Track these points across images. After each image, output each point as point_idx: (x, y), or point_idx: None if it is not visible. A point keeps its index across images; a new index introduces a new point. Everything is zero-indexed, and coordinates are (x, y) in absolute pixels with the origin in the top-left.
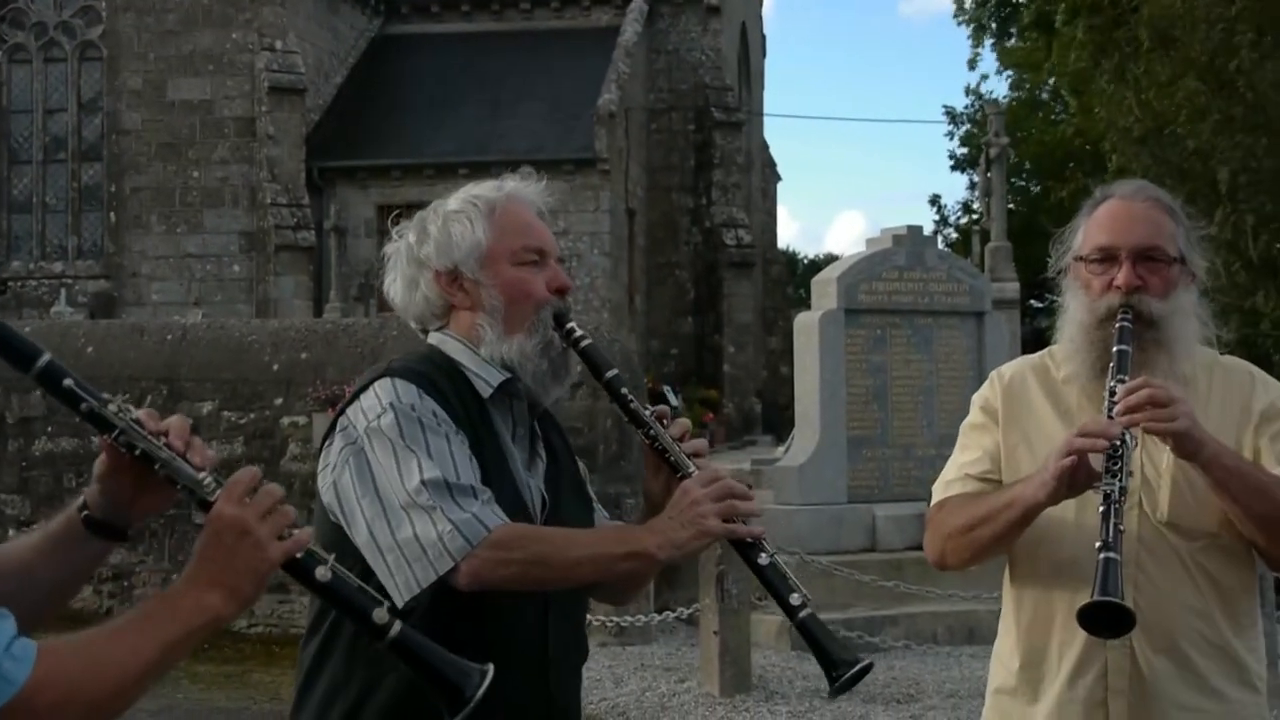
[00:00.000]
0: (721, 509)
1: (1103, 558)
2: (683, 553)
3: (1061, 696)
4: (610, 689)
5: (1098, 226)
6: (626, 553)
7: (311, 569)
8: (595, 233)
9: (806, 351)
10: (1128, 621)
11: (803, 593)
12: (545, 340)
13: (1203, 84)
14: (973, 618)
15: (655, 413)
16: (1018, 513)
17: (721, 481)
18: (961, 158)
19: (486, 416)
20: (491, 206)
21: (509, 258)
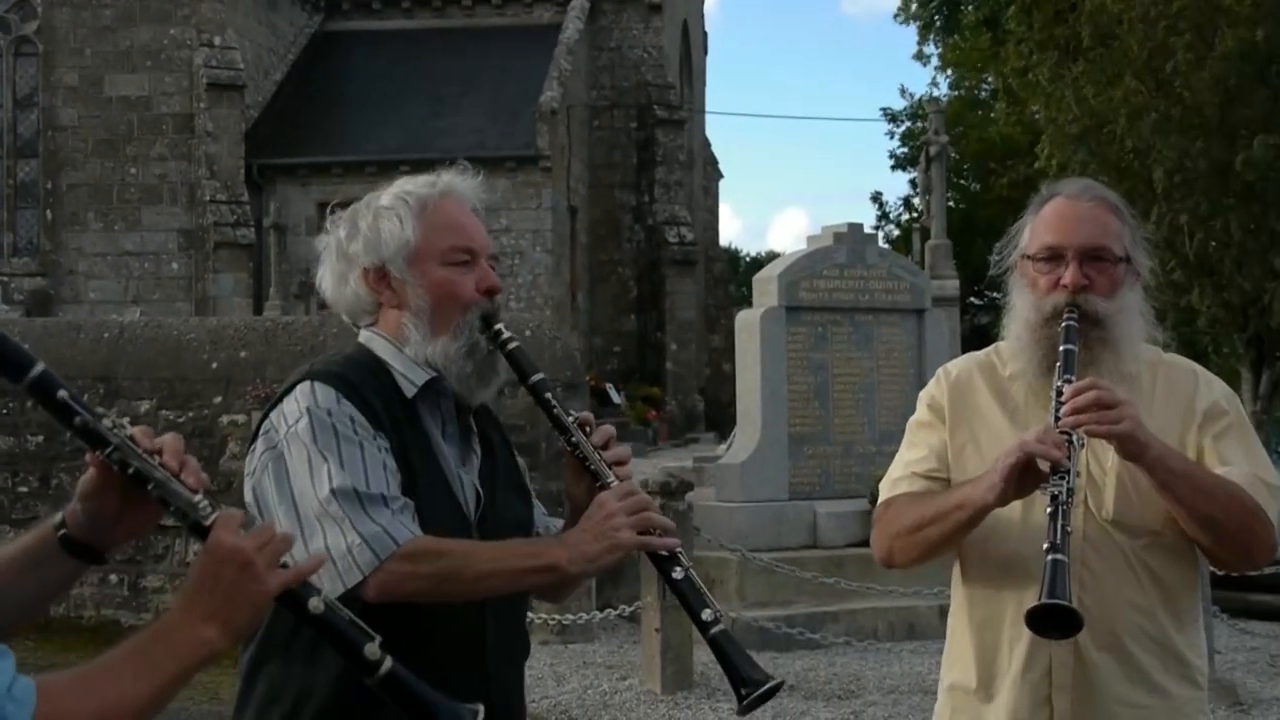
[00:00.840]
0: (636, 521)
1: (1050, 560)
2: (595, 566)
3: (1009, 693)
4: (552, 687)
5: (1044, 225)
6: (537, 566)
7: (305, 600)
8: (537, 230)
9: (748, 349)
10: (1075, 623)
11: (715, 609)
12: (471, 342)
13: (1141, 84)
14: (913, 614)
15: (578, 419)
16: (967, 514)
17: (637, 495)
18: (902, 156)
19: (414, 415)
20: (423, 204)
21: (438, 257)
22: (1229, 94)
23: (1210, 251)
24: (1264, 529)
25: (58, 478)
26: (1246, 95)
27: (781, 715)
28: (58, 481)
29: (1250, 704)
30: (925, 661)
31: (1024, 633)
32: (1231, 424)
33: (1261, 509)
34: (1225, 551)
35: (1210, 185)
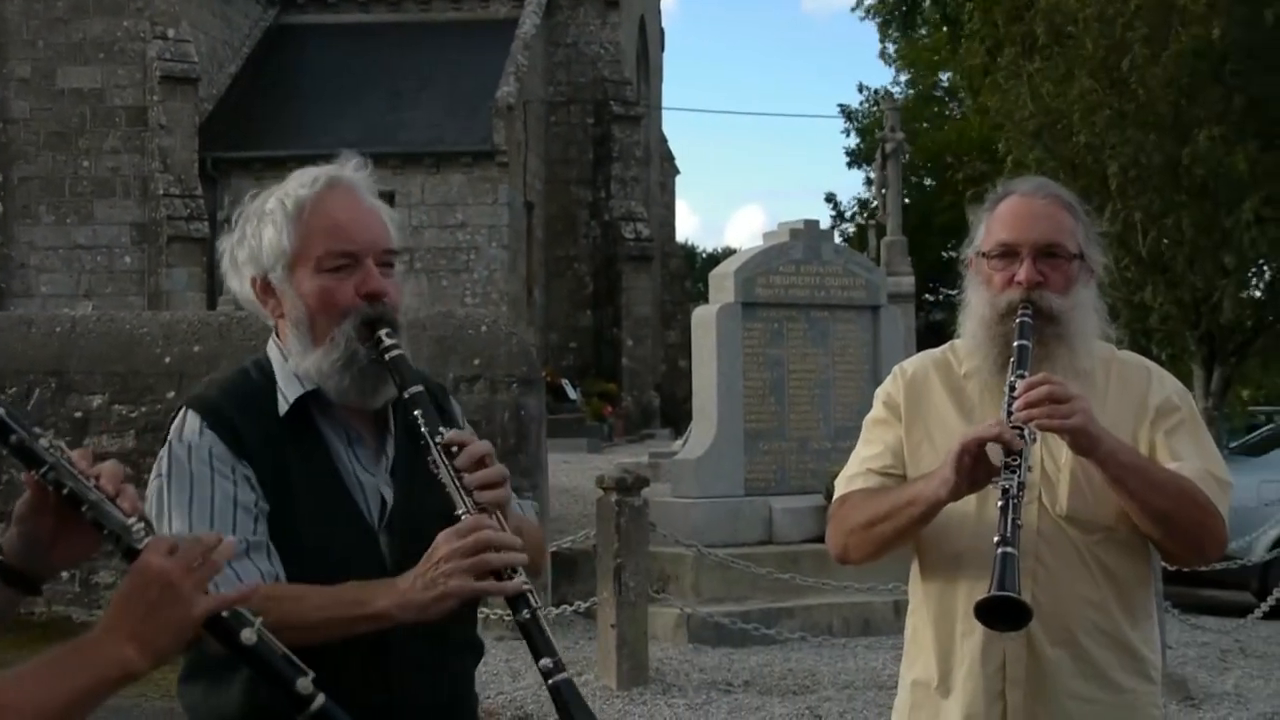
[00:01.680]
0: (473, 565)
1: (1000, 553)
2: (428, 614)
3: (964, 687)
4: (508, 683)
5: (999, 223)
6: (365, 614)
7: (236, 630)
8: (494, 225)
9: (704, 345)
10: (1024, 616)
11: (557, 656)
12: (348, 353)
13: (1096, 81)
14: (868, 609)
15: (446, 440)
16: (920, 509)
17: (477, 533)
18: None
19: (305, 428)
20: (300, 207)
21: (314, 264)
22: (1183, 91)
23: (1163, 249)
24: (1215, 523)
25: None
26: (1200, 93)
27: (737, 711)
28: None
29: (1201, 698)
30: (880, 657)
31: (978, 627)
32: (1184, 420)
33: (1212, 503)
34: (1177, 545)
35: (1163, 182)
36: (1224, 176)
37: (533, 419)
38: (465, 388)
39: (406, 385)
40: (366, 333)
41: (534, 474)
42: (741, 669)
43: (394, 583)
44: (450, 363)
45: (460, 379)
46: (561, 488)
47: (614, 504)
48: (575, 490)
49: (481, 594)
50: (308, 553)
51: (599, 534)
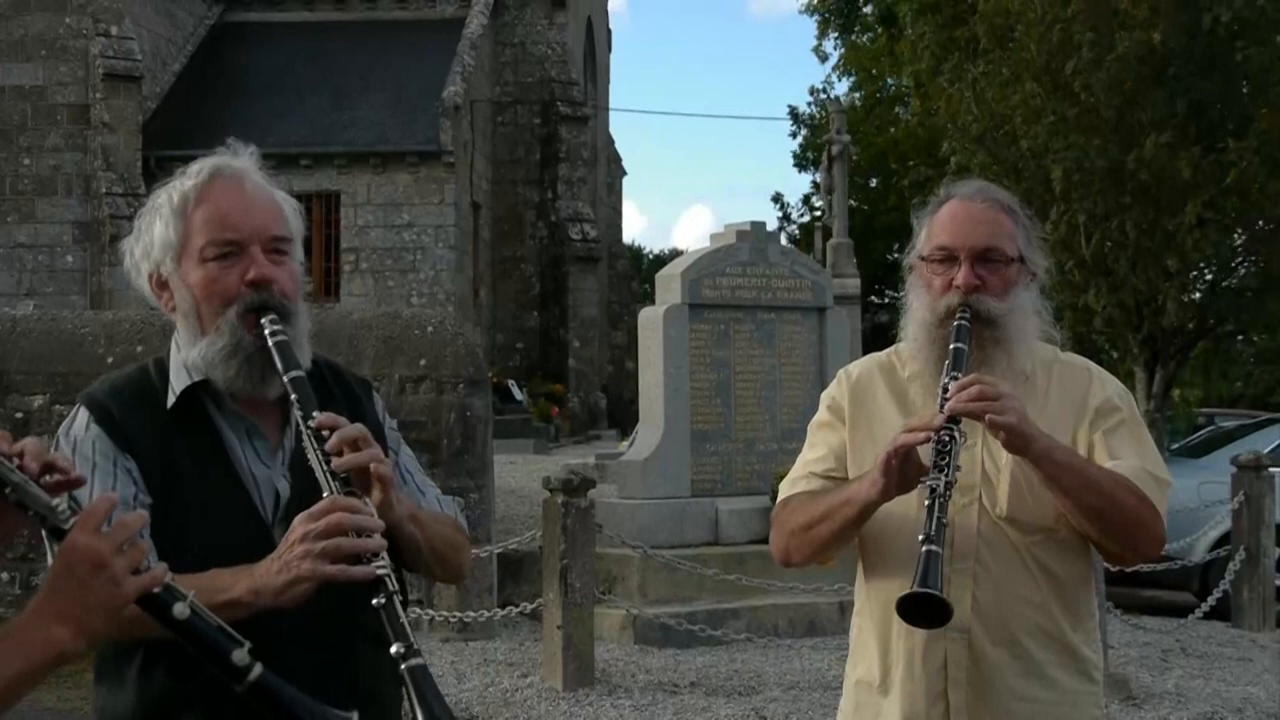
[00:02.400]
0: (327, 549)
1: (924, 550)
2: (283, 600)
3: (906, 687)
4: (453, 685)
5: (939, 227)
6: (223, 602)
7: (169, 605)
8: (440, 226)
9: (651, 346)
10: (945, 613)
11: (411, 641)
12: (234, 341)
13: (1039, 85)
14: (814, 610)
15: (317, 423)
16: (854, 510)
17: (331, 516)
18: (805, 156)
19: (196, 421)
20: (185, 200)
21: (198, 255)
22: (1126, 95)
23: (1106, 251)
24: (1152, 521)
25: None
26: (1143, 97)
27: (683, 712)
28: None
29: (1143, 698)
30: (826, 658)
31: (919, 628)
32: (1124, 420)
33: (1150, 501)
34: (1113, 544)
35: (1106, 186)
36: (1166, 181)
37: (479, 420)
38: (411, 388)
39: (287, 370)
40: (252, 320)
41: (480, 475)
42: (687, 670)
43: (251, 569)
44: (396, 363)
45: (406, 379)
46: (508, 489)
47: (560, 505)
48: (521, 491)
49: (333, 579)
50: (199, 546)
51: (545, 535)
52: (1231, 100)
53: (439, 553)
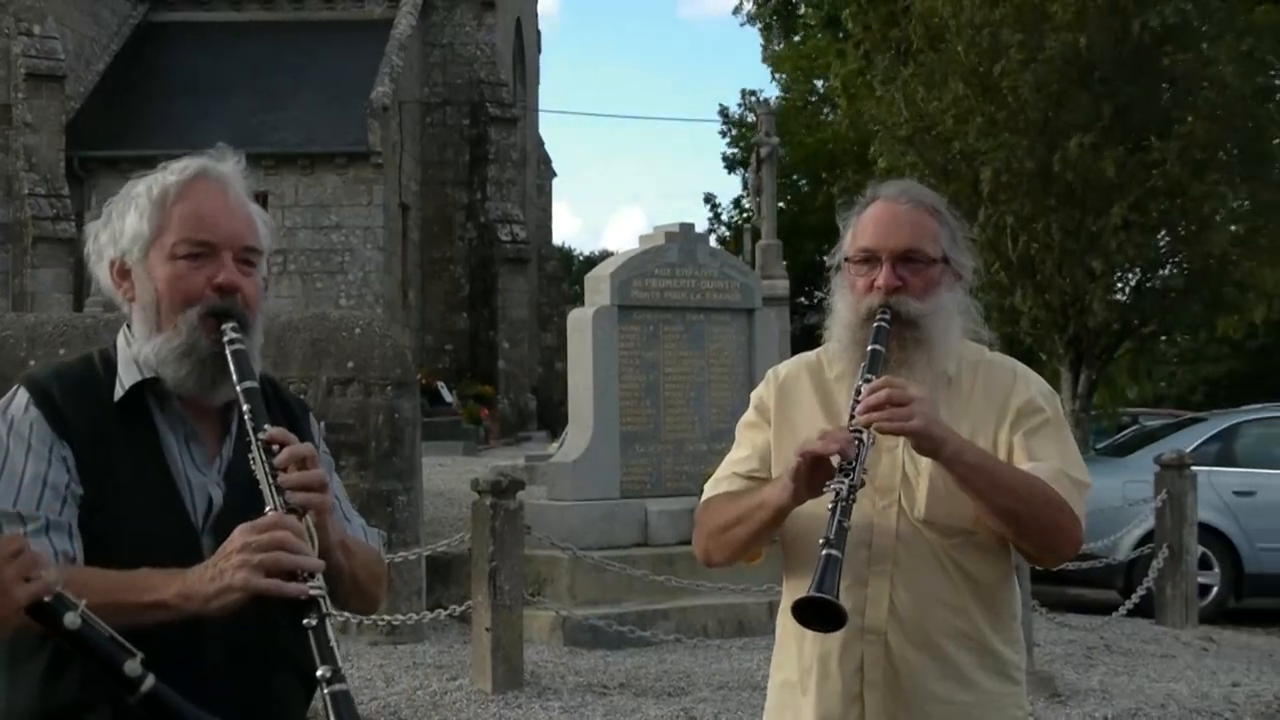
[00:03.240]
0: (265, 561)
1: (824, 554)
2: (211, 607)
3: (823, 688)
4: (381, 688)
5: (862, 228)
6: (149, 602)
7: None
8: (368, 227)
9: (580, 348)
10: (840, 619)
11: (337, 666)
12: (189, 342)
13: (968, 87)
14: (742, 611)
15: (267, 436)
16: (768, 513)
17: (274, 532)
18: (734, 158)
19: (139, 419)
20: (165, 192)
21: (169, 250)
22: (1053, 98)
23: (1033, 253)
24: (1068, 523)
25: None
26: (1069, 99)
27: (612, 714)
28: None
29: (1068, 695)
30: (754, 658)
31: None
32: (1046, 421)
33: (1066, 503)
34: (1030, 545)
35: (1034, 187)
36: (1091, 182)
37: (407, 422)
38: (339, 390)
39: (241, 380)
40: (212, 324)
41: (408, 477)
42: (617, 671)
43: (184, 573)
44: (324, 365)
45: (334, 381)
46: (436, 491)
47: (489, 507)
48: (450, 493)
49: (266, 593)
50: (127, 544)
51: (473, 537)
52: (1155, 104)
53: (360, 583)
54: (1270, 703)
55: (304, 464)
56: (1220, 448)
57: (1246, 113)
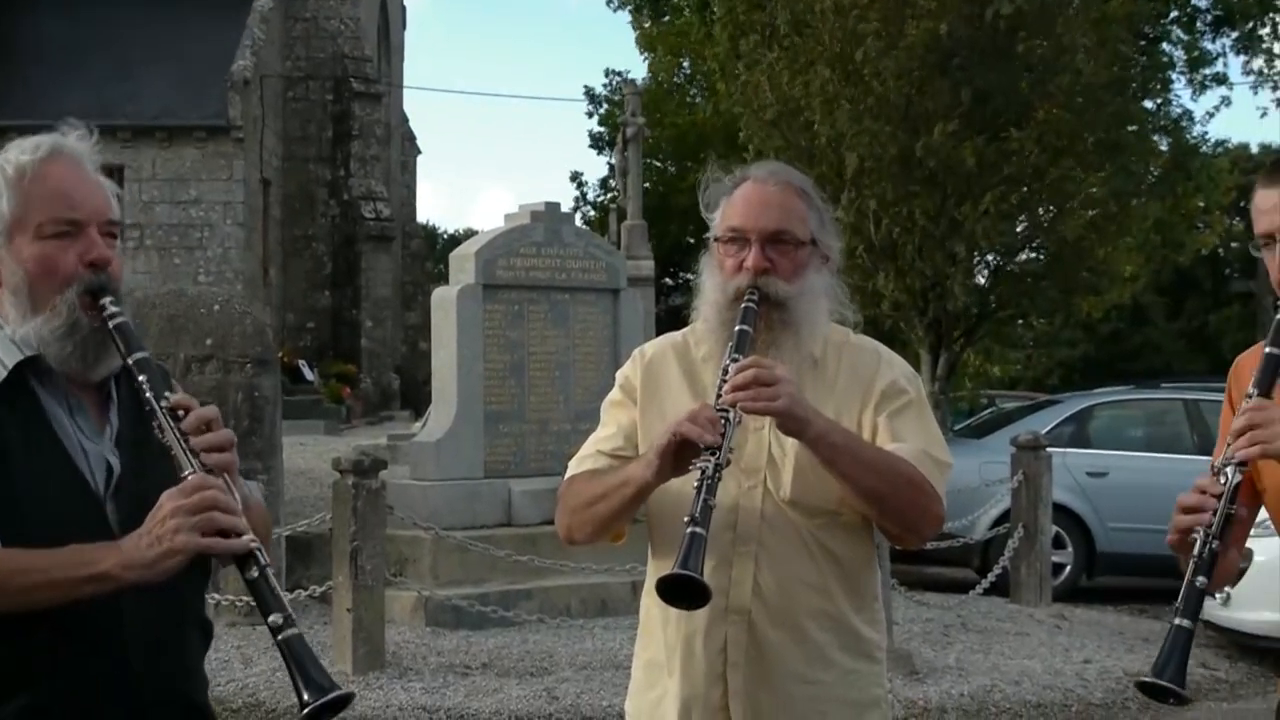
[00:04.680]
0: (199, 523)
1: (688, 532)
2: (154, 572)
3: (687, 668)
4: (239, 670)
5: (732, 209)
6: (88, 575)
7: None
8: (228, 202)
9: (444, 327)
10: (704, 597)
11: (287, 612)
12: (70, 321)
13: (832, 72)
14: (605, 590)
15: (172, 403)
16: (631, 490)
17: (203, 492)
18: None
19: (24, 396)
20: (21, 172)
21: (35, 231)
22: (914, 84)
23: (895, 237)
24: (929, 502)
25: None
26: (930, 86)
27: (474, 694)
28: None
29: (925, 672)
30: (617, 637)
31: (700, 610)
32: (910, 402)
33: (928, 482)
34: (893, 524)
35: (896, 173)
36: (953, 168)
37: (267, 400)
38: (197, 368)
39: (131, 351)
40: (89, 301)
41: (268, 457)
42: (479, 651)
43: (118, 544)
44: (181, 342)
45: (192, 359)
46: (297, 470)
47: (350, 487)
48: (311, 473)
49: (207, 551)
50: (31, 521)
51: (334, 517)
52: (1014, 91)
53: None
54: (1120, 679)
55: (209, 426)
56: (1074, 429)
57: (1101, 101)
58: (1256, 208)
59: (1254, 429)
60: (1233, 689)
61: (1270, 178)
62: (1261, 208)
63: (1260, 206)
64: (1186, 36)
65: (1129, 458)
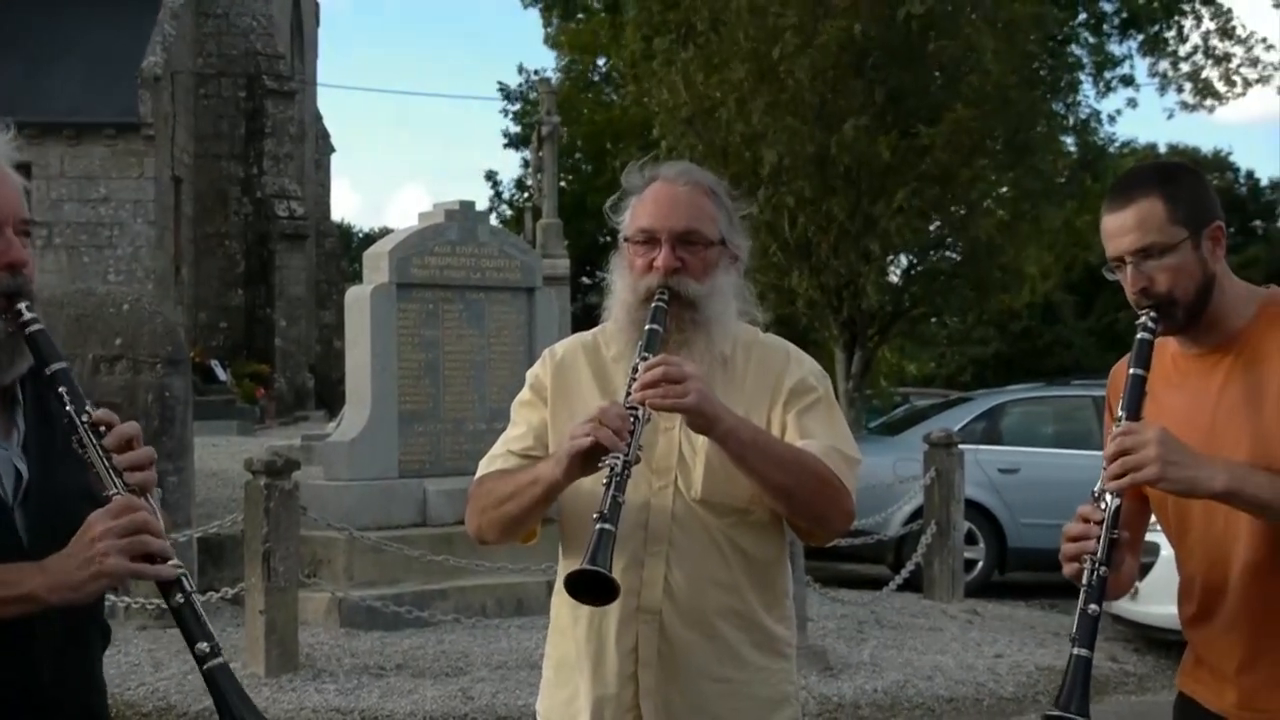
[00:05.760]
0: (128, 545)
1: (597, 528)
2: (81, 595)
3: (598, 668)
4: (149, 674)
5: (642, 208)
6: (13, 597)
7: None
8: (139, 200)
9: (358, 326)
10: (612, 591)
11: (213, 641)
12: None
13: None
14: (521, 590)
15: (94, 419)
16: (541, 489)
17: (133, 515)
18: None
19: None
20: None
21: None
22: (829, 83)
23: (810, 235)
24: (839, 497)
25: None
26: (844, 85)
27: (389, 695)
28: None
29: (840, 668)
30: (533, 637)
31: (614, 608)
32: (818, 400)
33: (837, 478)
34: (804, 520)
35: (813, 170)
36: (867, 165)
37: (178, 401)
38: (106, 368)
39: (49, 361)
40: (4, 304)
41: (179, 457)
42: (394, 652)
43: (43, 565)
44: (90, 342)
45: (101, 359)
46: (209, 471)
47: (263, 487)
48: (224, 474)
49: (136, 576)
50: None
51: (247, 518)
52: (926, 91)
53: None
54: (1031, 673)
55: (130, 444)
56: (986, 426)
57: (1010, 101)
58: (1105, 232)
59: (1124, 456)
60: (1140, 682)
61: (1114, 202)
62: (1109, 232)
63: (1108, 231)
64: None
65: (1040, 454)
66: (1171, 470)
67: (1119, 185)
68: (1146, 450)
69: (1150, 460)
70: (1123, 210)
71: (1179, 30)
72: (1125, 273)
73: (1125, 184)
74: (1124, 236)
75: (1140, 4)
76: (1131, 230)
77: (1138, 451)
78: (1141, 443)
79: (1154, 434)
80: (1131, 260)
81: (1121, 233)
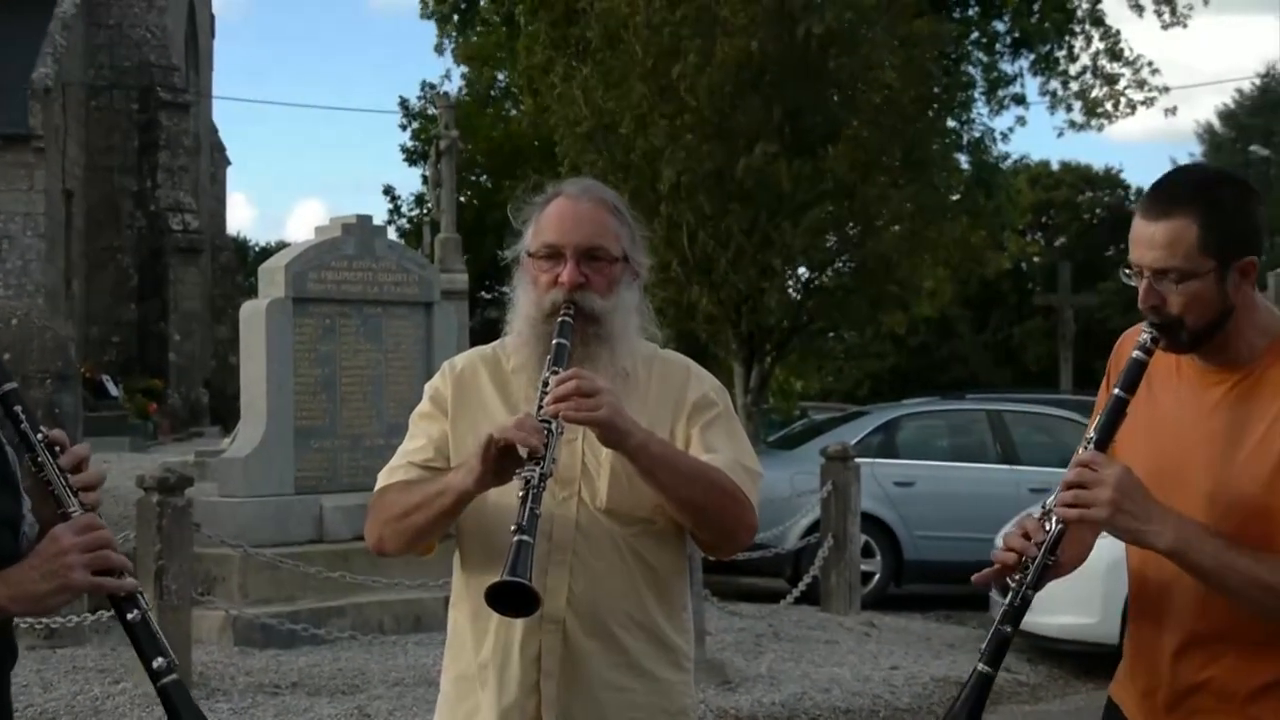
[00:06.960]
0: (92, 560)
1: (515, 540)
2: (42, 607)
3: (501, 680)
4: (39, 694)
5: (546, 224)
6: None
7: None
8: (29, 214)
9: (253, 340)
10: (534, 603)
11: (169, 657)
12: None
13: (646, 88)
14: (419, 606)
15: (48, 438)
16: (450, 499)
17: (95, 532)
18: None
19: None
20: None
21: None
22: (727, 101)
23: (710, 251)
24: (743, 511)
25: None
26: (743, 102)
27: (284, 713)
28: None
29: (738, 682)
30: (431, 653)
31: (516, 620)
32: (719, 414)
33: (741, 491)
34: (709, 534)
35: (713, 187)
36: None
37: (68, 417)
38: None
39: (2, 382)
40: None
41: None
42: (289, 670)
43: (7, 572)
44: None
45: None
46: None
47: (155, 504)
48: (116, 491)
49: (98, 590)
50: None
51: (139, 536)
52: (824, 108)
53: None
54: (927, 684)
55: (81, 465)
56: (882, 440)
57: (908, 118)
58: (1133, 236)
59: (1079, 489)
60: (1033, 691)
61: (1150, 210)
62: (1137, 238)
63: (1136, 236)
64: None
65: (935, 467)
66: (1121, 519)
67: (1160, 191)
68: (1102, 491)
69: (1103, 503)
70: (1155, 222)
71: (1069, 50)
72: (1141, 283)
73: (1167, 193)
74: (1149, 250)
75: (1032, 24)
76: (1159, 247)
77: (1093, 489)
78: (1099, 480)
79: (1114, 475)
80: (1150, 275)
81: (1148, 246)
